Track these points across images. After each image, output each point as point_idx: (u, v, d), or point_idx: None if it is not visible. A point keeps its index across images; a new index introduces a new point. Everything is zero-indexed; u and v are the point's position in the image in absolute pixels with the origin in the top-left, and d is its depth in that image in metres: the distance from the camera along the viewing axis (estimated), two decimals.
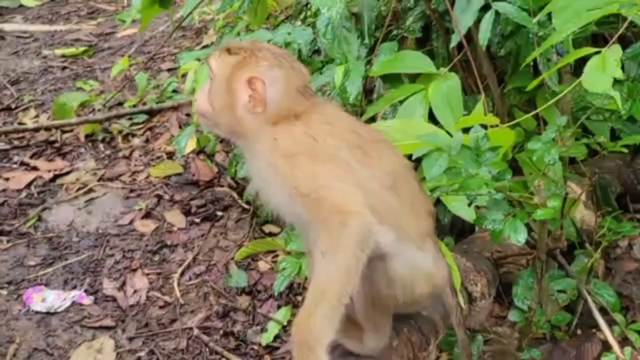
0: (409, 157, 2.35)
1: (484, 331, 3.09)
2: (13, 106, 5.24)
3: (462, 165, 2.20)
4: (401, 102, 2.97)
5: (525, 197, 2.41)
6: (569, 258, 3.12)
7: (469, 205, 2.48)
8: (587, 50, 2.22)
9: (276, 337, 3.39)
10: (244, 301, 3.60)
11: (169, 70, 5.58)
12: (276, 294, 3.49)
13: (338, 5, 3.04)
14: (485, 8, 3.00)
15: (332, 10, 3.07)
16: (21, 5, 7.02)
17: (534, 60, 3.00)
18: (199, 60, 3.50)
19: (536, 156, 2.38)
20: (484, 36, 2.92)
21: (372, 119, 3.31)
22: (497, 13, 2.95)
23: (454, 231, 3.42)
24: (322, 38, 3.32)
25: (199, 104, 2.29)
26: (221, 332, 3.45)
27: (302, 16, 4.40)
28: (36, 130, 4.74)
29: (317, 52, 3.87)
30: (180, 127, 4.67)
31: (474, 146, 2.25)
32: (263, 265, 3.79)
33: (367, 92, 3.67)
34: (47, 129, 4.78)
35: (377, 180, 2.18)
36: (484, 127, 2.43)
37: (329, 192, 2.07)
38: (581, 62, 2.28)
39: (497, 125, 2.42)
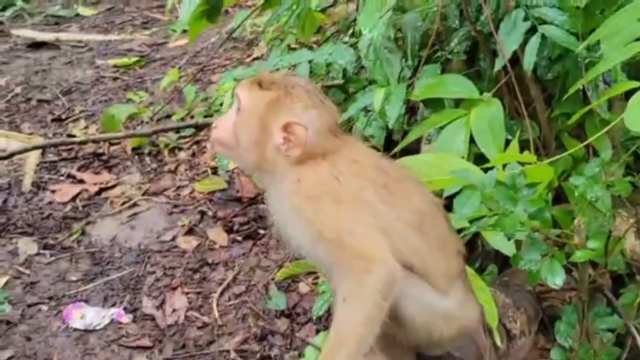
0: (440, 193, 2.26)
1: None
2: (64, 117, 5.29)
3: (495, 204, 2.09)
4: (442, 127, 2.86)
5: (566, 235, 2.28)
6: (617, 287, 2.98)
7: (509, 239, 2.37)
8: (634, 84, 2.09)
9: None
10: (282, 324, 3.54)
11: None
12: (315, 317, 3.43)
13: (380, 26, 2.96)
14: (532, 30, 2.89)
15: (374, 32, 2.98)
16: (78, 15, 7.11)
17: (583, 85, 2.88)
18: (236, 80, 3.46)
19: (578, 192, 2.26)
20: (529, 61, 2.81)
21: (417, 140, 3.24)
22: (543, 36, 2.84)
23: (498, 258, 3.31)
24: (364, 59, 3.24)
25: (221, 134, 2.22)
26: (258, 355, 3.39)
27: (350, 31, 4.33)
28: (83, 143, 4.75)
29: (363, 68, 3.81)
30: None
31: (510, 183, 2.14)
32: (303, 287, 3.72)
33: (411, 112, 3.59)
34: (95, 141, 4.79)
35: (403, 220, 2.11)
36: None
37: (352, 238, 2.01)
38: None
39: (535, 162, 2.30)
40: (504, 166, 2.31)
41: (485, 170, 2.24)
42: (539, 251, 2.21)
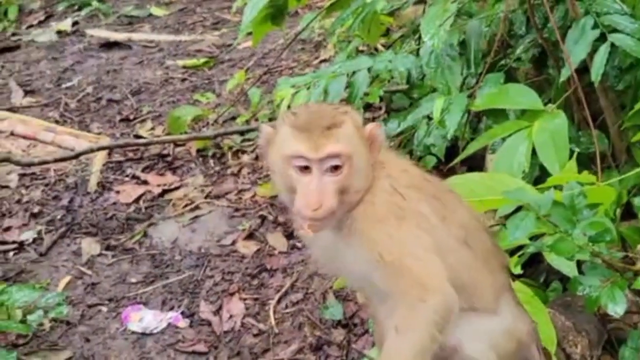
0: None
1: None
2: (132, 117, 5.34)
3: (552, 226, 1.98)
4: (504, 139, 2.76)
5: (631, 258, 2.16)
6: None
7: (570, 259, 2.25)
8: None
9: None
10: (338, 334, 3.47)
11: None
12: (372, 329, 3.35)
13: (441, 34, 2.87)
14: (601, 39, 2.75)
15: (435, 39, 2.90)
16: (150, 15, 7.18)
17: None
18: (293, 87, 3.41)
19: None
20: (597, 71, 2.68)
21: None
22: (613, 45, 2.70)
23: (563, 274, 3.17)
24: (425, 66, 3.15)
25: (329, 206, 2.02)
26: None
27: (416, 36, 4.24)
28: (148, 144, 4.78)
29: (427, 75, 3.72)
30: None
31: (569, 204, 2.03)
32: (361, 297, 3.65)
33: (477, 119, 3.48)
34: (159, 143, 4.82)
35: (453, 235, 2.05)
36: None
37: (413, 262, 1.95)
38: None
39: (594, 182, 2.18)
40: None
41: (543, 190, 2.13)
42: (600, 276, 2.09)
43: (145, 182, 4.59)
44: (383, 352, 1.97)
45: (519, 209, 2.11)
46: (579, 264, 2.52)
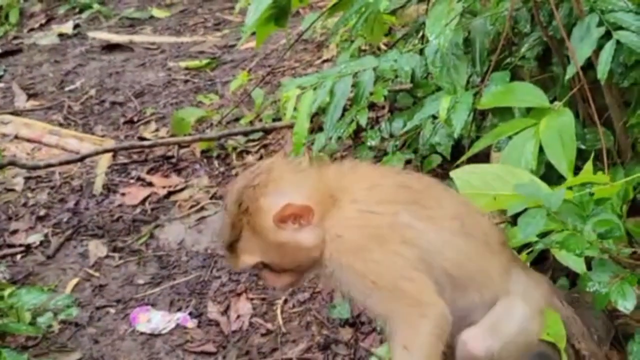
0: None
1: None
2: (135, 119, 5.35)
3: (559, 225, 2.00)
4: (510, 137, 2.77)
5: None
6: None
7: (579, 255, 2.27)
8: None
9: None
10: (346, 333, 3.49)
11: None
12: (379, 327, 3.37)
13: (447, 33, 2.88)
14: (607, 36, 2.76)
15: (440, 38, 2.91)
16: (152, 17, 7.19)
17: None
18: (300, 87, 3.42)
19: None
20: (603, 68, 2.68)
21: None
22: (618, 42, 2.71)
23: (571, 270, 3.18)
24: (430, 65, 3.16)
25: (282, 286, 2.27)
26: None
27: (420, 34, 4.25)
28: (152, 146, 4.80)
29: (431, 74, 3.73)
30: None
31: (579, 201, 2.05)
32: None
33: (482, 117, 3.50)
34: (164, 144, 4.83)
35: (447, 230, 2.09)
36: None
37: (406, 284, 2.00)
38: None
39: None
40: None
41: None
42: (609, 272, 2.11)
43: (150, 184, 4.61)
44: None
45: None
46: (587, 261, 2.54)
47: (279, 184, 2.09)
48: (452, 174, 2.43)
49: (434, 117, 3.38)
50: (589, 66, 2.90)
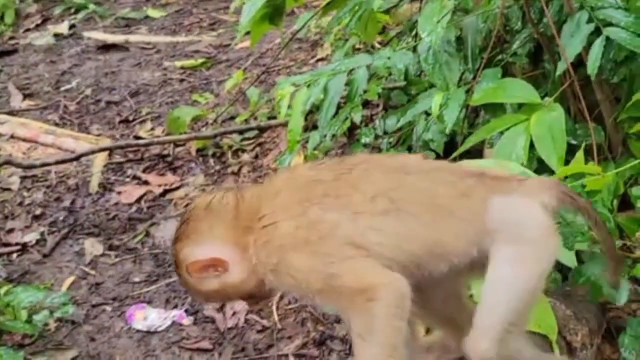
0: None
1: None
2: (131, 118, 5.37)
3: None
4: (502, 133, 2.80)
5: (629, 247, 2.20)
6: None
7: (570, 249, 2.29)
8: None
9: None
10: (341, 329, 3.50)
11: None
12: None
13: (438, 30, 2.90)
14: (596, 32, 2.79)
15: (432, 35, 2.93)
16: (147, 17, 7.20)
17: None
18: (294, 85, 3.44)
19: None
20: (593, 64, 2.71)
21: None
22: (608, 39, 2.74)
23: (563, 265, 3.21)
24: (423, 63, 3.19)
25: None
26: None
27: (413, 33, 4.27)
28: (148, 145, 4.82)
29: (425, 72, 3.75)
30: None
31: None
32: None
33: (475, 114, 3.52)
34: (159, 143, 4.85)
35: (367, 214, 1.96)
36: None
37: (339, 279, 1.90)
38: None
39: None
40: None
41: None
42: (600, 265, 2.13)
43: (146, 183, 4.63)
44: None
45: None
46: (578, 256, 2.56)
47: (192, 237, 2.11)
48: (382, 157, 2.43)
49: (427, 113, 3.40)
50: (580, 63, 2.93)
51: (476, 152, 3.48)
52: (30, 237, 4.22)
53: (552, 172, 2.58)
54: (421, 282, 2.02)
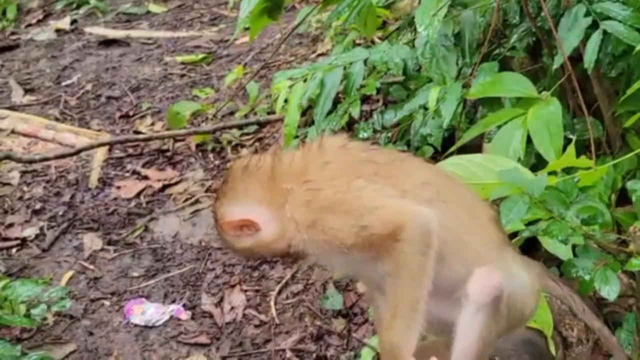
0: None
1: None
2: (131, 113, 5.37)
3: (542, 212, 2.01)
4: (499, 126, 2.79)
5: (624, 241, 2.19)
6: None
7: (564, 243, 2.28)
8: None
9: None
10: (339, 324, 3.51)
11: None
12: (372, 318, 3.39)
13: (435, 24, 2.89)
14: (594, 26, 2.78)
15: (429, 29, 2.92)
16: (148, 12, 7.20)
17: None
18: (291, 79, 3.43)
19: (636, 197, 2.16)
20: (590, 58, 2.70)
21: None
22: (605, 32, 2.73)
23: (561, 260, 3.21)
24: (420, 57, 3.18)
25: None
26: (314, 355, 3.38)
27: (412, 27, 4.26)
28: (147, 140, 4.82)
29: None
30: None
31: (562, 187, 2.06)
32: (361, 287, 3.68)
33: (474, 109, 3.51)
34: (159, 138, 4.85)
35: (413, 195, 2.00)
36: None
37: (371, 229, 1.94)
38: None
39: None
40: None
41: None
42: (592, 259, 2.12)
43: (145, 177, 4.63)
44: (388, 301, 1.96)
45: None
46: (575, 249, 2.55)
47: (228, 197, 2.11)
48: (439, 165, 2.44)
49: (425, 108, 3.39)
50: (579, 57, 2.91)
51: (476, 147, 3.48)
52: (30, 231, 4.23)
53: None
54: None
